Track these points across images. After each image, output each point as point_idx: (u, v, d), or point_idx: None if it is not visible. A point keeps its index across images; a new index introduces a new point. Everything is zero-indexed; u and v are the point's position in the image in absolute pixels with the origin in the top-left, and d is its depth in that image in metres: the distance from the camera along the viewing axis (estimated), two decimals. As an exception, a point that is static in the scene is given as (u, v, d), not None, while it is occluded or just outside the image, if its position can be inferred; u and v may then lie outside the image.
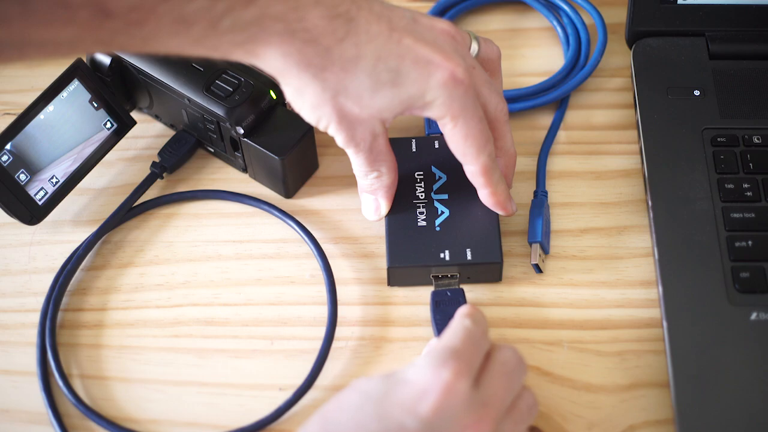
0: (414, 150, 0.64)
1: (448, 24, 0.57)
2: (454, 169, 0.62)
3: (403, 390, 0.48)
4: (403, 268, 0.59)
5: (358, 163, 0.59)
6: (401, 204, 0.61)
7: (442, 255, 0.59)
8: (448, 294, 0.59)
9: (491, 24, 0.74)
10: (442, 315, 0.58)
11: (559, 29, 0.72)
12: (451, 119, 0.55)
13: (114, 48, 0.53)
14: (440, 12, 0.73)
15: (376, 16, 0.53)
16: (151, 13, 0.48)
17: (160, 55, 0.63)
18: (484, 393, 0.49)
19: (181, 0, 0.49)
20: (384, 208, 0.61)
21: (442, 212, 0.61)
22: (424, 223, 0.60)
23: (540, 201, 0.63)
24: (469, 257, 0.59)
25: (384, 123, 0.56)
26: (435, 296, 0.59)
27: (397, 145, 0.64)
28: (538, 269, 0.60)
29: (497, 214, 0.60)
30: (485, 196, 0.59)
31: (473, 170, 0.58)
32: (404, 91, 0.54)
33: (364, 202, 0.62)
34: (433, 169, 0.63)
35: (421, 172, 0.63)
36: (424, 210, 0.61)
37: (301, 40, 0.51)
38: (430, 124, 0.66)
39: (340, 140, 0.57)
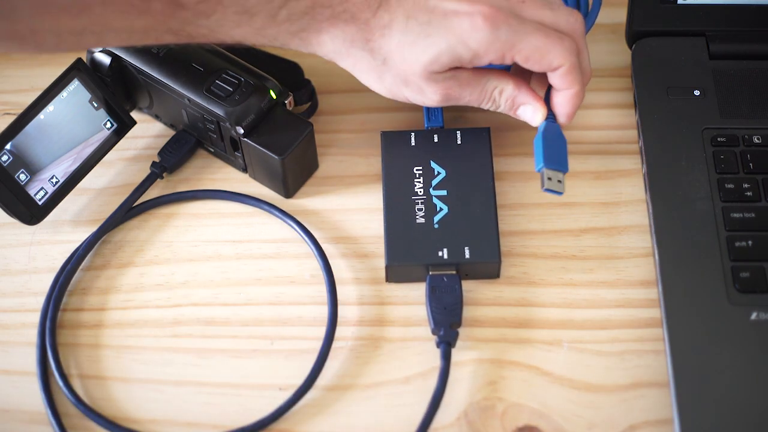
0: (413, 144, 0.64)
1: None
2: (454, 164, 0.62)
3: None
4: (401, 266, 0.59)
5: (474, 105, 0.60)
6: (399, 199, 0.61)
7: (440, 253, 0.59)
8: (445, 280, 0.59)
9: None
10: (437, 303, 0.58)
11: None
12: (515, 53, 0.56)
13: (182, 38, 0.56)
14: None
15: None
16: (218, 5, 0.54)
17: (160, 56, 0.63)
18: None
19: None
20: (536, 106, 0.60)
21: (441, 209, 0.61)
22: (422, 220, 0.60)
23: (547, 125, 0.60)
24: (467, 256, 0.59)
25: (444, 72, 0.58)
26: (431, 281, 0.59)
27: (396, 138, 0.64)
28: (555, 192, 0.58)
29: (496, 212, 0.60)
30: (571, 96, 0.59)
31: (561, 73, 0.58)
32: (440, 41, 0.56)
33: (522, 117, 0.61)
34: (432, 163, 0.63)
35: (420, 167, 0.62)
36: (422, 206, 0.61)
37: (343, 21, 0.57)
38: (429, 117, 0.65)
39: (432, 102, 0.59)
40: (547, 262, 0.62)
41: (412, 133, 0.64)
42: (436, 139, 0.64)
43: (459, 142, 0.63)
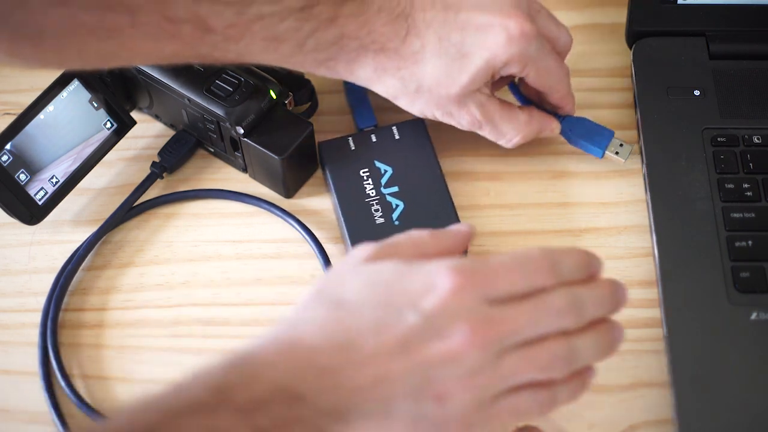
0: (353, 148, 0.63)
1: None
2: (397, 159, 0.63)
3: (413, 281, 0.47)
4: None
5: (488, 137, 0.61)
6: (354, 205, 0.61)
7: None
8: None
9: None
10: None
11: None
12: (531, 68, 0.58)
13: (210, 60, 0.56)
14: None
15: (430, 2, 0.57)
16: (246, 30, 0.53)
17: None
18: (496, 312, 0.46)
19: (273, 19, 0.54)
20: (551, 128, 0.63)
21: (397, 205, 0.61)
22: (382, 220, 0.60)
23: (563, 126, 0.64)
24: None
25: (480, 92, 0.58)
26: None
27: (335, 145, 0.64)
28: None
29: (450, 197, 0.61)
30: (569, 111, 0.63)
31: (560, 95, 0.61)
32: (477, 58, 0.56)
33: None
34: (377, 163, 0.63)
35: (366, 169, 0.62)
36: (378, 207, 0.61)
37: (372, 51, 0.56)
38: (362, 118, 0.66)
39: (461, 126, 0.60)
40: (547, 262, 0.61)
41: (350, 138, 0.64)
42: (374, 139, 0.64)
43: (397, 137, 0.63)
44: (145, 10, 0.51)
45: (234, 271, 0.62)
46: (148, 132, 0.68)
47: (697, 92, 0.64)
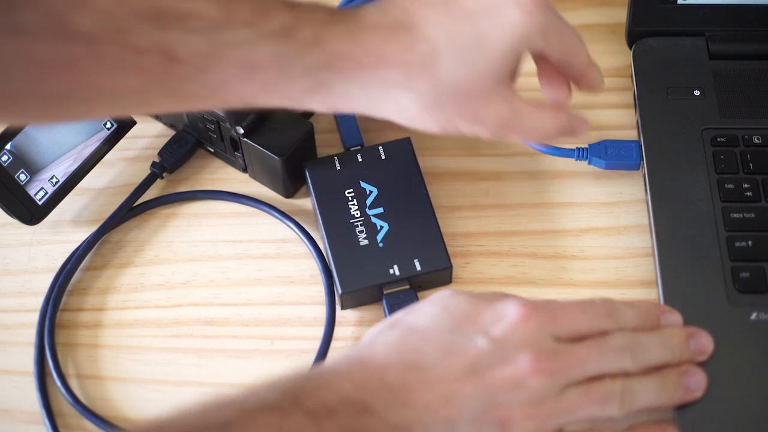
0: (338, 167, 0.63)
1: None
2: (383, 180, 0.62)
3: (485, 311, 0.50)
4: (356, 291, 0.59)
5: (520, 137, 0.57)
6: (339, 226, 0.60)
7: (391, 271, 0.58)
8: (401, 296, 0.59)
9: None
10: None
11: None
12: (553, 37, 0.53)
13: (182, 97, 0.50)
14: None
15: (426, 2, 0.51)
16: (216, 57, 0.48)
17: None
18: (559, 347, 0.50)
19: (247, 44, 0.48)
20: (582, 128, 0.56)
21: (382, 227, 0.60)
22: (366, 242, 0.60)
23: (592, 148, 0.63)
24: (418, 268, 0.58)
25: (505, 86, 0.52)
26: (388, 300, 0.59)
27: (320, 164, 0.63)
28: None
29: (436, 219, 0.60)
30: (597, 80, 0.57)
31: (585, 60, 0.55)
32: (497, 42, 0.51)
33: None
34: (362, 183, 0.62)
35: (351, 189, 0.62)
36: (363, 228, 0.60)
37: (374, 68, 0.50)
38: (348, 137, 0.65)
39: (485, 132, 0.53)
40: (547, 262, 0.62)
41: (336, 157, 0.63)
42: (360, 159, 0.63)
43: (383, 157, 0.62)
44: (105, 39, 0.46)
45: (234, 271, 0.62)
46: (148, 132, 0.68)
47: (697, 92, 0.64)
